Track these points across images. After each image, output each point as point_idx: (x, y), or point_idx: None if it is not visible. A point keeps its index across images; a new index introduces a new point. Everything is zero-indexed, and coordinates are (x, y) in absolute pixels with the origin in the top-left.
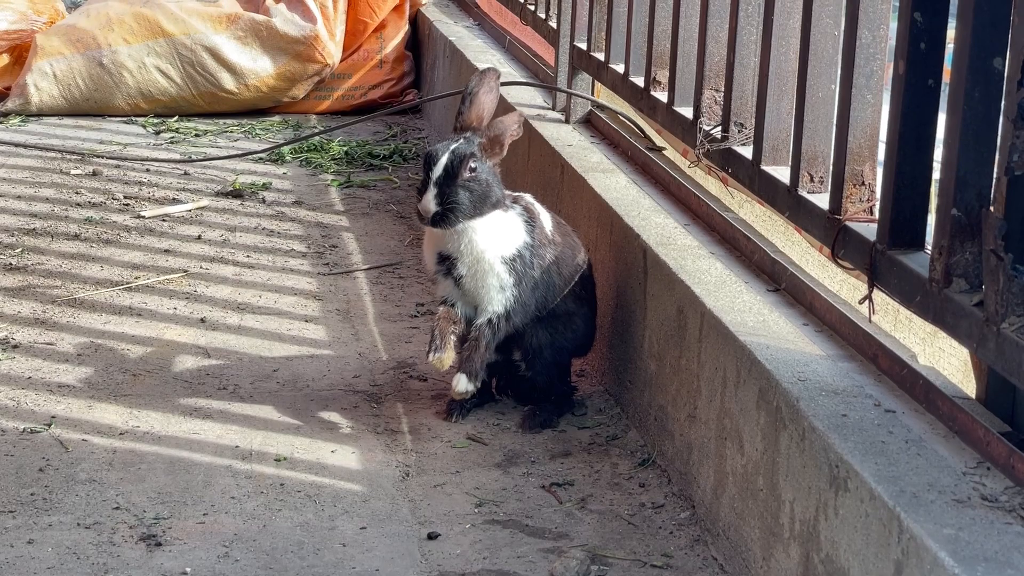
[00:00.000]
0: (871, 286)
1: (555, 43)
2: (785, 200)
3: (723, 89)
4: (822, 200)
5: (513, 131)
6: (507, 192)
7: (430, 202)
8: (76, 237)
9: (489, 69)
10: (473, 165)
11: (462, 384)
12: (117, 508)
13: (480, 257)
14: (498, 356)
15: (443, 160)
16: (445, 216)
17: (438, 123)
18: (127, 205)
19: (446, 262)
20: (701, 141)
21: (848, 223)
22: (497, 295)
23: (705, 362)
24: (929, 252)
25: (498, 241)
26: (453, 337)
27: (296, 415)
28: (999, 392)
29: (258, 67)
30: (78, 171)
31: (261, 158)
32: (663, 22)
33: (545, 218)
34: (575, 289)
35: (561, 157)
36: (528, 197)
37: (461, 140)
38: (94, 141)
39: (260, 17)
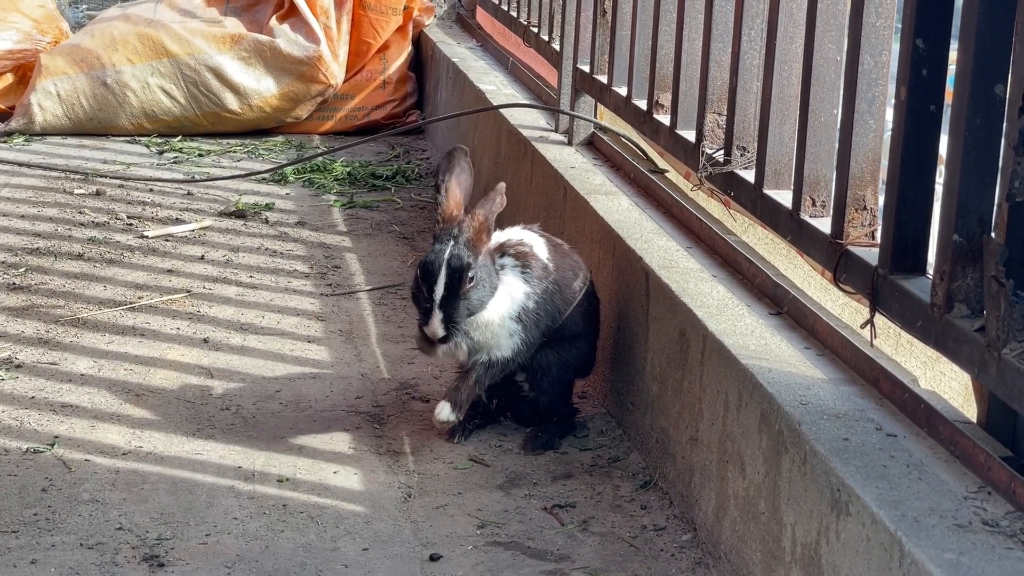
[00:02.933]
0: (873, 310)
1: (558, 65)
2: (787, 224)
3: (726, 113)
4: (824, 224)
5: (497, 208)
6: (495, 231)
7: (438, 327)
8: (79, 257)
9: (455, 149)
10: (471, 275)
11: (444, 412)
12: (120, 529)
13: (488, 323)
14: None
15: (442, 278)
16: (453, 334)
17: (441, 144)
18: (130, 225)
19: None
20: (703, 164)
21: (850, 247)
22: (506, 341)
23: (707, 385)
24: (931, 277)
25: (501, 305)
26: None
27: (298, 436)
28: (1000, 417)
29: (262, 87)
30: (81, 191)
31: (264, 178)
32: (666, 46)
33: (540, 248)
34: (579, 308)
35: (564, 179)
36: (516, 235)
37: (451, 245)
38: (97, 161)
39: (264, 38)
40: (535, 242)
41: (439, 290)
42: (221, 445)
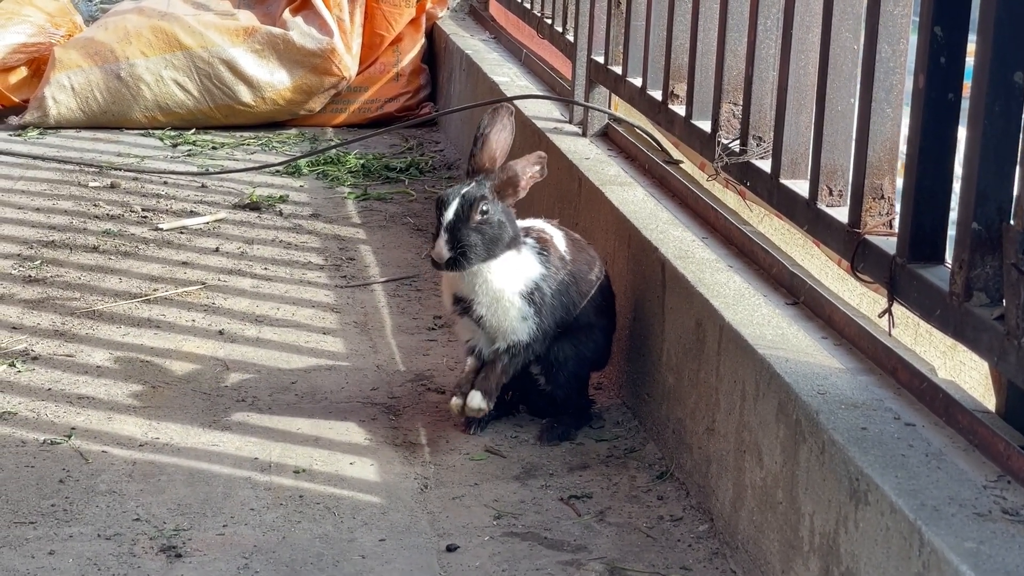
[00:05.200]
0: (890, 300)
1: (572, 57)
2: (804, 214)
3: (741, 103)
4: (841, 214)
5: (533, 172)
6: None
7: (442, 247)
8: (95, 249)
9: (502, 106)
10: (484, 208)
11: (476, 400)
12: (137, 519)
13: (499, 297)
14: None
15: (454, 204)
16: (458, 261)
17: (454, 136)
18: (145, 218)
19: (462, 303)
20: (719, 155)
21: (867, 237)
22: (519, 325)
23: (724, 375)
24: (949, 266)
25: (514, 278)
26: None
27: (314, 427)
28: (1019, 406)
29: (275, 80)
30: (96, 184)
31: (278, 171)
32: (681, 36)
33: (559, 240)
34: (594, 301)
35: (578, 170)
36: (539, 223)
37: (472, 184)
38: (112, 154)
39: (277, 30)
40: (554, 233)
41: (448, 215)
42: (237, 436)
